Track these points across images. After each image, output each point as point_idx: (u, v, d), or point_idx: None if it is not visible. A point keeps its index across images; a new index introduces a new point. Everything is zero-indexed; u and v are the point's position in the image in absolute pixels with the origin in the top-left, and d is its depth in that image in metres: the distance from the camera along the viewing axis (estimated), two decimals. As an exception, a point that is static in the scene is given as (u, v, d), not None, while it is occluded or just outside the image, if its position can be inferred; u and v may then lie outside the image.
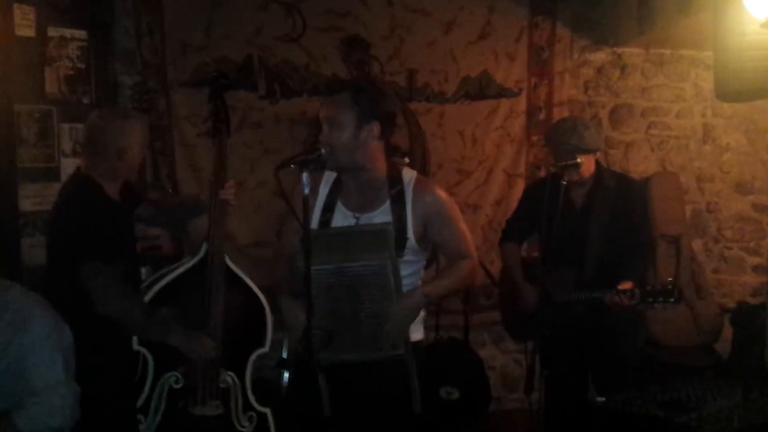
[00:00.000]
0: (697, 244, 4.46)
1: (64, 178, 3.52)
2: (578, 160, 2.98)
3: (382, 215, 2.20)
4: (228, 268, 2.70)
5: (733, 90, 2.85)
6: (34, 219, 3.40)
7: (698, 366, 4.01)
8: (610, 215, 3.06)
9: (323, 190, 2.26)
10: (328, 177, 2.28)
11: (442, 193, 2.27)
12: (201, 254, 2.69)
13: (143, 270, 2.99)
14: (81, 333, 2.20)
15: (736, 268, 4.52)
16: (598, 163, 3.14)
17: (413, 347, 2.21)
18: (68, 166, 3.55)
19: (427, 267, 2.42)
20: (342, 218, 2.23)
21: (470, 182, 4.23)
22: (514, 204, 4.09)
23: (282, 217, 2.40)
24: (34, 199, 3.42)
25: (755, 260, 4.51)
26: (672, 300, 2.87)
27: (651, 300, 2.89)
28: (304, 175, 2.01)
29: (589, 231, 3.07)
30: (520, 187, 4.24)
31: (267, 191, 3.99)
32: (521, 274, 3.28)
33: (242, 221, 3.91)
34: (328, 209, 2.23)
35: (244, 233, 3.94)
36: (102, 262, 2.42)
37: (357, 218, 2.21)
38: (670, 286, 2.88)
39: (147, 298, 2.59)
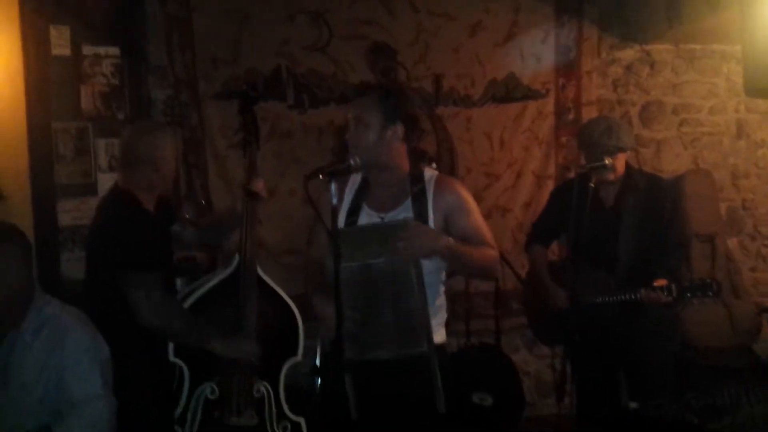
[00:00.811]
0: (733, 243, 4.39)
1: (101, 192, 3.62)
2: (606, 161, 2.96)
3: (404, 212, 2.27)
4: (260, 278, 2.75)
5: (764, 86, 2.80)
6: (73, 234, 3.50)
7: (736, 367, 3.95)
8: (641, 215, 3.04)
9: (349, 195, 2.34)
10: (354, 181, 2.36)
11: (461, 189, 2.35)
12: (233, 265, 2.75)
13: (178, 282, 3.07)
14: (119, 345, 2.27)
15: (774, 266, 4.44)
16: (627, 163, 3.12)
17: (437, 349, 2.23)
18: (105, 180, 3.66)
19: (449, 277, 2.44)
20: (367, 219, 2.29)
21: (499, 185, 4.23)
22: (543, 206, 4.12)
23: (311, 224, 2.46)
24: (73, 213, 3.53)
25: (795, 258, 4.42)
26: (710, 293, 2.84)
27: (689, 295, 2.85)
28: (333, 186, 2.09)
29: (620, 231, 3.05)
30: (549, 189, 4.20)
31: (297, 199, 4.04)
32: (548, 276, 3.26)
33: (273, 229, 3.98)
34: (354, 212, 2.30)
35: (275, 241, 4.01)
36: (143, 271, 2.47)
37: (382, 218, 2.28)
38: (708, 280, 2.86)
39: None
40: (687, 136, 4.34)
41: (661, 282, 2.86)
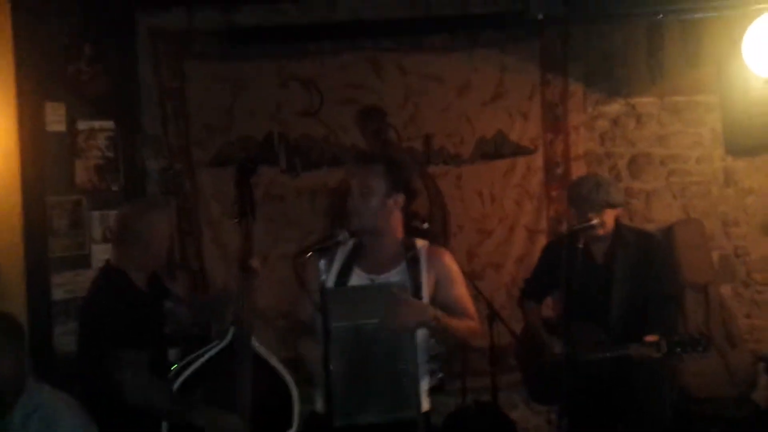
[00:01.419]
0: (726, 290, 4.40)
1: (95, 264, 3.68)
2: (594, 221, 3.00)
3: (397, 275, 2.33)
4: (255, 351, 2.76)
5: (743, 146, 2.88)
6: (66, 307, 3.53)
7: (736, 417, 3.94)
8: (632, 270, 3.08)
9: (340, 256, 2.39)
10: (346, 243, 2.39)
11: (451, 260, 2.45)
12: (228, 338, 2.75)
13: (172, 351, 3.08)
14: (111, 423, 2.29)
15: (768, 311, 4.45)
16: (617, 219, 3.16)
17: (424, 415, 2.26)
18: (99, 252, 3.71)
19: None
20: (358, 280, 2.34)
21: (491, 241, 4.27)
22: (536, 260, 4.15)
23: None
24: (66, 287, 3.56)
25: (788, 302, 4.43)
26: (700, 349, 2.87)
27: (679, 350, 2.88)
28: (322, 262, 2.16)
29: (611, 287, 3.09)
30: (541, 242, 4.25)
31: (290, 263, 4.04)
32: (542, 332, 3.28)
33: (267, 293, 3.98)
34: (345, 273, 2.36)
35: (268, 305, 4.02)
36: (129, 351, 2.49)
37: (373, 280, 2.33)
38: (697, 335, 2.88)
39: (176, 385, 2.65)
40: (676, 186, 4.39)
41: (651, 338, 2.89)
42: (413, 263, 2.35)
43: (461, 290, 2.41)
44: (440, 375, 3.50)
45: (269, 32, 4.04)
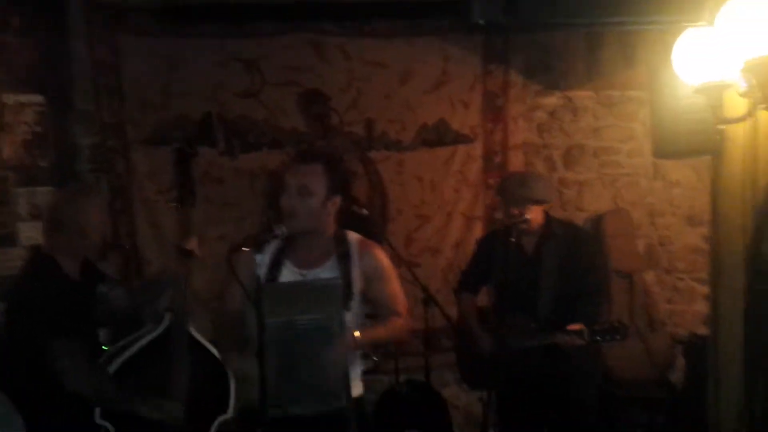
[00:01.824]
0: (650, 276, 4.62)
1: (21, 242, 3.56)
2: (527, 216, 3.12)
3: (328, 271, 2.34)
4: (191, 336, 2.75)
5: (670, 151, 3.01)
6: (-8, 285, 3.43)
7: (655, 398, 4.17)
8: (560, 262, 3.21)
9: (269, 250, 2.37)
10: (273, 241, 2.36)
11: (383, 255, 2.46)
12: (164, 325, 2.74)
13: (102, 332, 3.03)
14: (42, 413, 2.26)
15: (688, 297, 4.68)
16: (546, 213, 3.28)
17: (355, 402, 2.31)
18: (25, 229, 3.58)
19: None
20: (289, 275, 2.34)
21: (430, 227, 4.34)
22: (472, 246, 4.23)
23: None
24: (-8, 265, 3.45)
25: (706, 290, 4.66)
26: (618, 337, 3.06)
27: (599, 339, 3.05)
28: (258, 257, 2.17)
29: (540, 278, 3.21)
30: (478, 229, 4.37)
31: (227, 245, 4.02)
32: (477, 323, 3.39)
33: (203, 275, 3.94)
34: (275, 267, 2.34)
35: (204, 287, 3.98)
36: (67, 340, 2.46)
37: (304, 275, 2.33)
38: (616, 324, 3.05)
39: (111, 369, 2.62)
40: (607, 177, 4.55)
41: (575, 326, 3.04)
42: (344, 258, 2.36)
43: (391, 286, 2.43)
44: (375, 357, 3.58)
45: (208, 9, 3.92)
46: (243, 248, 2.19)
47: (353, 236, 2.44)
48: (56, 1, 3.73)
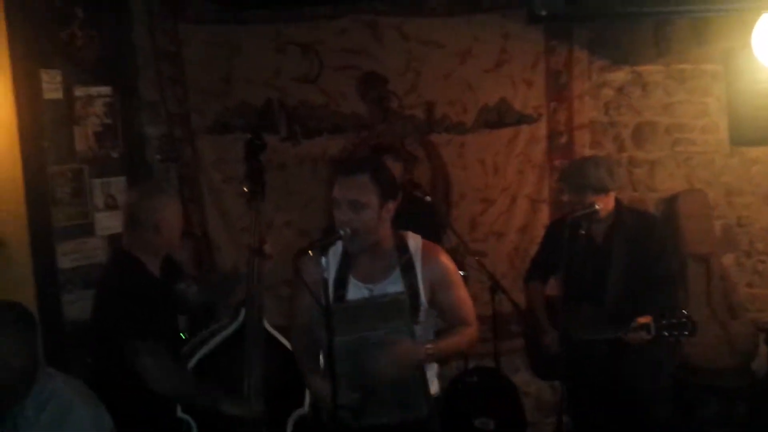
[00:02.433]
0: (729, 259, 4.39)
1: (98, 232, 3.69)
2: (597, 206, 3.01)
3: (393, 284, 2.27)
4: (266, 331, 2.78)
5: (748, 138, 2.83)
6: (73, 275, 3.55)
7: (734, 387, 3.97)
8: (630, 251, 3.08)
9: (333, 265, 2.28)
10: (335, 250, 2.31)
11: (447, 260, 2.37)
12: (239, 321, 2.79)
13: (181, 319, 3.09)
14: (128, 408, 2.31)
15: (770, 281, 4.44)
16: (617, 200, 3.16)
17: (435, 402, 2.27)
18: (102, 220, 3.72)
19: None
20: (356, 291, 2.28)
21: (494, 210, 4.24)
22: (538, 230, 4.15)
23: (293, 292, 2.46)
24: (72, 255, 3.57)
25: (790, 272, 4.42)
26: (686, 333, 2.90)
27: (667, 334, 2.91)
28: (323, 260, 2.09)
29: (609, 267, 3.09)
30: (544, 212, 4.26)
31: (293, 231, 4.09)
32: (544, 315, 3.31)
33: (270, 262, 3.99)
34: (342, 284, 2.28)
35: (272, 273, 4.01)
36: (151, 341, 2.51)
37: (370, 289, 2.28)
38: (684, 319, 2.89)
39: (190, 365, 2.69)
40: (680, 155, 4.34)
41: (642, 320, 2.91)
42: (408, 269, 2.28)
43: (459, 292, 2.35)
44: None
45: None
46: (309, 251, 2.13)
47: (415, 241, 2.34)
48: (118, -9, 3.82)
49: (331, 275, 2.24)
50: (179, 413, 2.62)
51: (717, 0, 1.77)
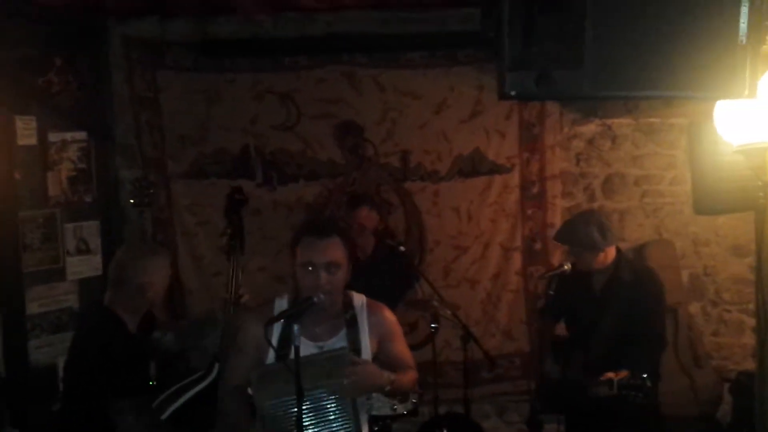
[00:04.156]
0: (695, 308, 4.49)
1: (69, 276, 3.66)
2: (565, 266, 3.17)
3: (341, 341, 2.30)
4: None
5: (710, 207, 2.94)
6: (41, 321, 3.52)
7: (699, 435, 4.04)
8: (623, 306, 3.16)
9: (278, 324, 2.26)
10: (278, 308, 2.30)
11: (391, 315, 2.44)
12: (214, 374, 2.80)
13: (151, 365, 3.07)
14: None
15: (735, 330, 4.53)
16: (619, 252, 3.24)
17: None
18: (73, 264, 3.69)
19: None
20: (305, 349, 2.23)
21: (467, 257, 4.30)
22: (510, 278, 4.24)
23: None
24: (41, 301, 3.55)
25: (754, 322, 4.51)
26: (641, 395, 2.95)
27: (625, 393, 2.97)
28: (296, 327, 2.09)
29: (603, 317, 3.18)
30: (516, 260, 4.32)
31: (267, 276, 4.09)
32: (547, 349, 3.38)
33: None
34: (287, 342, 2.24)
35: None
36: (133, 398, 2.50)
37: (320, 347, 2.28)
38: (640, 382, 2.97)
39: (164, 416, 2.68)
40: (648, 206, 4.45)
41: (609, 375, 2.98)
42: (352, 325, 2.32)
43: (401, 344, 2.43)
44: (414, 400, 3.55)
45: (244, 44, 3.99)
46: (280, 320, 2.17)
47: (358, 299, 2.39)
48: (96, 39, 3.83)
49: (276, 333, 2.24)
50: None
51: (684, 87, 1.84)
